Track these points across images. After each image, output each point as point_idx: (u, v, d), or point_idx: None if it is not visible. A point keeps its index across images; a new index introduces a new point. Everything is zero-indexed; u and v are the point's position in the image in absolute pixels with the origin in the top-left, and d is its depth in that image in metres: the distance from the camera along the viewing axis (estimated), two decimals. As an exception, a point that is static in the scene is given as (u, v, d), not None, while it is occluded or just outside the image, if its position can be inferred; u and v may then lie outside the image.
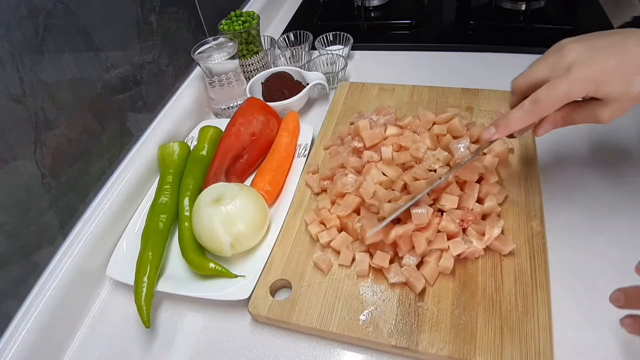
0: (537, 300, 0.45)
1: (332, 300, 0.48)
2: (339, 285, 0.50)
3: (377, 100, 0.72)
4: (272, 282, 0.51)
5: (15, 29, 0.47)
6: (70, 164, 0.56)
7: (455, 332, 0.44)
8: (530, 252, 0.49)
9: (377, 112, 0.66)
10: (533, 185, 0.55)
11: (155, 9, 0.69)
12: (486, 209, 0.52)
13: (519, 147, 0.60)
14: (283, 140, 0.66)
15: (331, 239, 0.53)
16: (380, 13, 0.99)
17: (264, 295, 0.50)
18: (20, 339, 0.47)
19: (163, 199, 0.60)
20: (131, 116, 0.66)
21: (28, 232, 0.50)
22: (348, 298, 0.48)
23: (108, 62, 0.61)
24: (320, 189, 0.59)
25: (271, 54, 0.87)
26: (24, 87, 0.49)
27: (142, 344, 0.51)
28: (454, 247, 0.48)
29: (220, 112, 0.78)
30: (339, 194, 0.55)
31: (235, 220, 0.52)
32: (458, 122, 0.58)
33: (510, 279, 0.47)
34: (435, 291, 0.47)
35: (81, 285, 0.54)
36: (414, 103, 0.71)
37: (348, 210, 0.53)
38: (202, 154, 0.66)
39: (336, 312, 0.47)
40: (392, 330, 0.45)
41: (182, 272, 0.55)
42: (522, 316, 0.44)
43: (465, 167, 0.53)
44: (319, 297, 0.49)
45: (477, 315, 0.45)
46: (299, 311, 0.48)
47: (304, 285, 0.50)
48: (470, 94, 0.70)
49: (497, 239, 0.49)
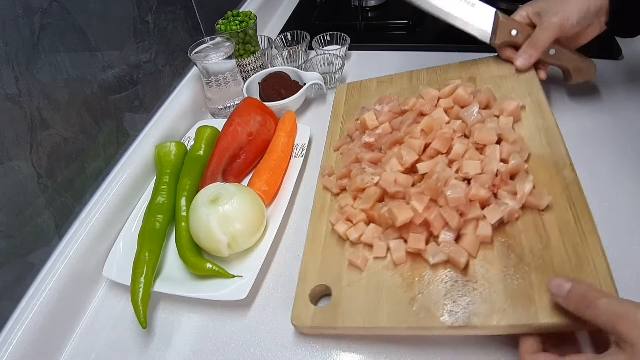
0: (589, 247, 0.42)
1: (375, 295, 0.46)
2: (378, 279, 0.47)
3: (377, 94, 0.71)
4: (309, 290, 0.48)
5: (11, 28, 0.47)
6: (66, 164, 0.55)
7: (512, 298, 0.41)
8: (568, 202, 0.46)
9: (379, 102, 0.65)
10: (554, 136, 0.53)
11: (152, 9, 0.69)
12: (512, 167, 0.49)
13: (531, 103, 0.58)
14: (280, 140, 0.66)
15: (360, 234, 0.50)
16: (377, 13, 0.99)
17: (305, 305, 0.47)
18: (16, 340, 0.46)
19: (160, 199, 0.60)
20: (128, 116, 0.66)
21: (24, 232, 0.50)
22: (391, 289, 0.46)
23: (104, 62, 0.60)
24: (339, 189, 0.57)
25: (268, 54, 0.87)
26: (19, 87, 0.48)
27: (138, 345, 0.51)
28: (491, 215, 0.46)
29: (217, 112, 0.78)
30: (358, 189, 0.53)
31: (232, 220, 0.52)
32: (463, 91, 0.57)
33: (555, 233, 0.45)
34: (480, 262, 0.45)
35: (77, 285, 0.54)
36: (414, 87, 0.68)
37: (370, 202, 0.51)
38: (199, 154, 0.66)
39: (383, 305, 0.45)
40: (445, 311, 0.42)
41: (178, 272, 0.55)
42: (576, 267, 0.41)
43: (481, 130, 0.51)
44: (361, 295, 0.46)
45: (529, 277, 0.42)
46: (344, 313, 0.45)
47: (343, 286, 0.48)
48: (469, 65, 0.68)
49: (532, 195, 0.47)
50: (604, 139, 0.61)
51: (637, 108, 0.64)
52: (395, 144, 0.56)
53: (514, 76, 0.62)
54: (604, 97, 0.66)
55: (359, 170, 0.55)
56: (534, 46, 0.59)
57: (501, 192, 0.48)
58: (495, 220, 0.46)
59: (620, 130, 0.61)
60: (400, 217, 0.47)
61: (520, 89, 0.60)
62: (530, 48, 0.60)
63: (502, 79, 0.63)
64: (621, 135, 0.61)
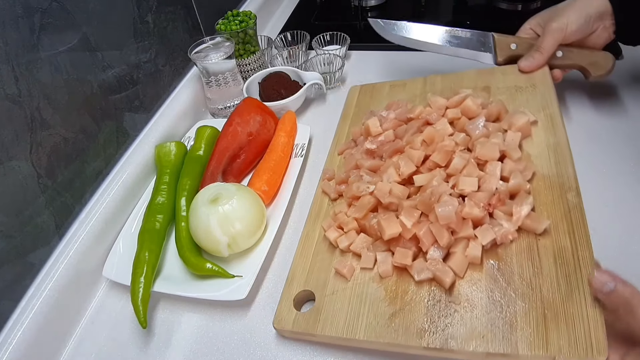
0: (582, 278, 0.40)
1: (357, 306, 0.45)
2: (363, 290, 0.47)
3: (388, 98, 0.69)
4: (294, 294, 0.48)
5: (11, 28, 0.47)
6: (66, 164, 0.55)
7: (493, 325, 0.40)
8: (568, 228, 0.44)
9: (387, 108, 0.64)
10: (564, 155, 0.50)
11: (152, 9, 0.69)
12: (512, 187, 0.47)
13: (544, 118, 0.55)
14: (280, 140, 0.66)
15: (350, 243, 0.50)
16: (377, 13, 0.99)
17: (288, 309, 0.47)
18: (16, 340, 0.46)
19: (160, 199, 0.60)
20: (128, 116, 0.66)
21: (24, 232, 0.50)
22: (374, 302, 0.45)
23: (104, 62, 0.60)
24: (337, 194, 0.57)
25: (268, 54, 0.87)
26: (19, 87, 0.48)
27: (138, 345, 0.51)
28: (482, 235, 0.44)
29: (217, 112, 0.78)
30: (354, 196, 0.53)
31: (232, 220, 0.52)
32: (471, 102, 0.56)
33: (549, 259, 0.42)
34: (467, 283, 0.44)
35: (77, 285, 0.53)
36: (427, 93, 0.66)
37: (363, 211, 0.51)
38: (199, 154, 0.66)
39: (362, 318, 0.44)
40: (423, 331, 0.41)
41: (178, 272, 0.55)
42: (566, 298, 0.39)
43: (483, 145, 0.50)
44: (344, 305, 0.46)
45: (515, 304, 0.41)
46: (324, 321, 0.45)
47: (327, 294, 0.47)
48: (486, 74, 0.65)
49: (529, 217, 0.45)
50: (603, 139, 0.61)
51: (637, 108, 0.64)
52: (395, 152, 0.56)
53: (530, 88, 0.60)
54: (604, 96, 0.66)
55: (357, 178, 0.54)
56: (538, 50, 0.60)
57: (497, 212, 0.46)
58: (486, 242, 0.44)
59: (620, 131, 0.61)
60: (388, 230, 0.46)
61: (534, 102, 0.58)
62: (534, 52, 0.61)
63: (517, 90, 0.61)
64: (622, 136, 0.61)
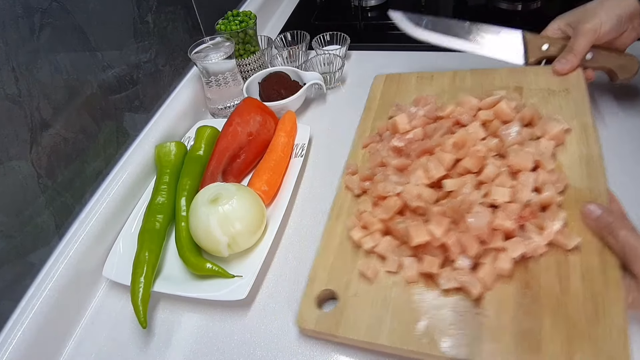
0: (609, 298, 0.39)
1: (380, 310, 0.44)
2: (387, 294, 0.45)
3: (415, 91, 0.66)
4: (317, 293, 0.47)
5: (11, 28, 0.47)
6: (66, 164, 0.55)
7: (518, 340, 0.39)
8: (598, 245, 0.43)
9: (415, 103, 0.61)
10: (596, 168, 0.48)
11: (152, 9, 0.69)
12: (544, 199, 0.46)
13: (577, 127, 0.53)
14: (280, 140, 0.66)
15: (375, 244, 0.48)
16: (377, 13, 0.99)
17: (310, 307, 0.46)
18: (16, 340, 0.46)
19: (160, 199, 0.60)
20: (128, 116, 0.66)
21: (24, 232, 0.50)
22: (398, 307, 0.44)
23: (104, 62, 0.60)
24: (361, 190, 0.55)
25: (268, 54, 0.87)
26: (19, 87, 0.48)
27: (138, 345, 0.51)
28: (513, 248, 0.43)
29: (217, 112, 0.78)
30: (380, 196, 0.51)
31: (232, 220, 0.52)
32: (506, 106, 0.53)
33: (577, 277, 0.42)
34: (494, 295, 0.42)
35: (77, 285, 0.53)
36: (456, 89, 0.64)
37: (390, 213, 0.49)
38: (199, 154, 0.66)
39: (386, 323, 0.43)
40: (449, 342, 0.40)
41: (178, 272, 0.55)
42: (592, 318, 0.39)
43: (517, 153, 0.48)
44: (367, 307, 0.45)
45: (542, 321, 0.40)
46: (346, 323, 0.44)
47: (350, 295, 0.46)
48: (518, 73, 0.62)
49: (560, 233, 0.43)
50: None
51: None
52: (424, 153, 0.53)
53: (563, 93, 0.58)
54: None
55: (383, 176, 0.52)
56: (572, 52, 0.59)
57: (528, 225, 0.45)
58: (517, 255, 0.43)
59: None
60: (417, 238, 0.45)
61: (568, 109, 0.56)
62: (568, 54, 0.59)
63: (550, 94, 0.59)
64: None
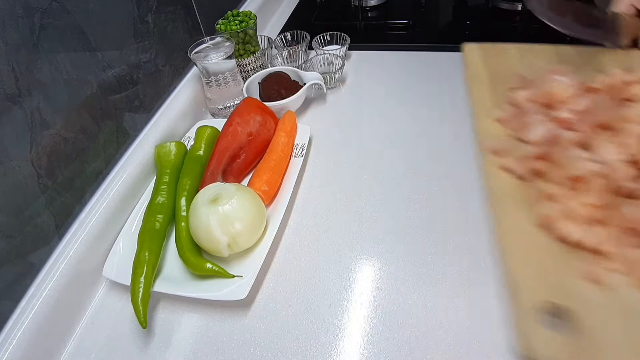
0: None
1: (635, 327, 0.35)
2: (631, 300, 0.37)
3: (522, 62, 0.62)
4: (535, 307, 0.38)
5: (11, 28, 0.47)
6: (66, 164, 0.55)
7: None
8: None
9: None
10: None
11: (152, 9, 0.69)
12: None
13: None
14: (280, 140, 0.66)
15: (598, 239, 0.40)
16: (377, 13, 0.99)
17: (532, 327, 0.37)
18: (16, 340, 0.46)
19: (160, 199, 0.60)
20: (128, 116, 0.66)
21: (24, 232, 0.50)
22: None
23: (104, 62, 0.60)
24: (531, 173, 0.46)
25: (268, 54, 0.87)
26: (19, 87, 0.48)
27: (138, 345, 0.51)
28: None
29: (217, 112, 0.78)
30: (575, 177, 0.43)
31: (232, 220, 0.52)
32: None
33: None
34: None
35: (77, 285, 0.53)
36: (566, 64, 0.59)
37: (599, 196, 0.41)
38: (199, 154, 0.66)
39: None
40: None
41: (178, 272, 0.55)
42: None
43: None
44: (614, 324, 0.35)
45: None
46: (601, 348, 0.34)
47: (591, 308, 0.37)
48: (624, 56, 0.58)
49: None
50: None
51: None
52: (598, 127, 0.47)
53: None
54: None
55: (565, 154, 0.44)
56: None
57: None
58: None
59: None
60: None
61: None
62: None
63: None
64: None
